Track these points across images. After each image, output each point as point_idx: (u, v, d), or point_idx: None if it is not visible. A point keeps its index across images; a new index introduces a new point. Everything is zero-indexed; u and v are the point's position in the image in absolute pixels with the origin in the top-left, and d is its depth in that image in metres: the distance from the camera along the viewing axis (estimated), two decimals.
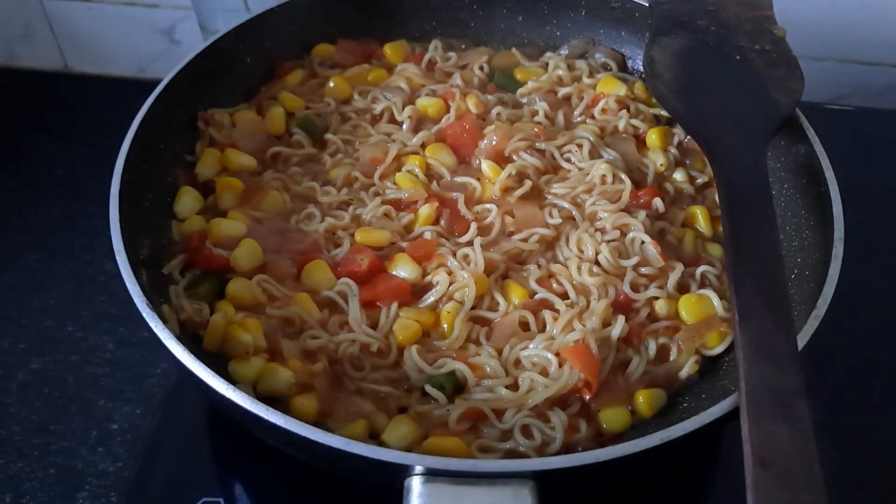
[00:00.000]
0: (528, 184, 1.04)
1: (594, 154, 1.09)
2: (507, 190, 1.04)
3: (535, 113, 1.15)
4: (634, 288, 0.96)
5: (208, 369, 0.76)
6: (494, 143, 1.07)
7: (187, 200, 1.03)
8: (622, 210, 1.02)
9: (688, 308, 0.94)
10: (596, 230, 1.00)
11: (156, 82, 1.05)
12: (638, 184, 1.06)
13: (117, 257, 0.84)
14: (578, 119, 1.17)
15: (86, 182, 1.36)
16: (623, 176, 1.04)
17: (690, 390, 0.91)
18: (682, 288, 0.97)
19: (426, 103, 1.14)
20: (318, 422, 0.82)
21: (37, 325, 1.17)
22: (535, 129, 1.10)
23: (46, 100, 1.57)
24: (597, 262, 0.97)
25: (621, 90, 1.17)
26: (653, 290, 0.95)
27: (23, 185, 1.38)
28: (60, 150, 1.44)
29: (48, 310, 1.19)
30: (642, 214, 1.01)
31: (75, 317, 1.18)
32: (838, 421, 1.04)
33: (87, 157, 1.38)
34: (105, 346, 1.15)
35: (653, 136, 1.12)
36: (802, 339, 0.80)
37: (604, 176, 1.04)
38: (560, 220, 1.01)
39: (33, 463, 1.02)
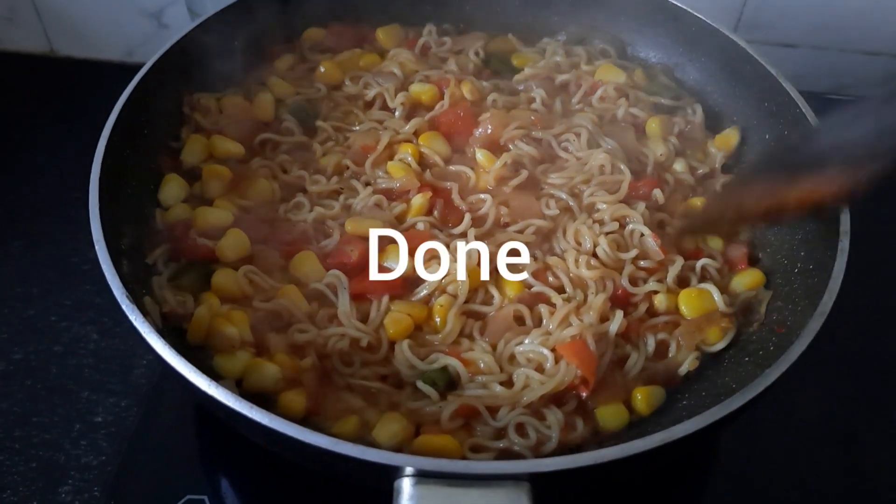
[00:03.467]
0: (524, 173, 1.02)
1: (592, 143, 1.07)
2: (502, 179, 1.02)
3: (532, 100, 1.13)
4: (633, 282, 0.94)
5: (190, 365, 0.73)
6: (489, 131, 1.05)
7: (172, 188, 1.00)
8: (621, 201, 1.00)
9: (688, 303, 0.93)
10: (594, 222, 0.98)
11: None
12: (637, 174, 1.04)
13: (96, 247, 0.82)
14: (576, 107, 1.14)
15: (70, 168, 1.32)
16: (622, 166, 1.03)
17: (690, 387, 0.89)
18: (683, 282, 0.96)
19: (419, 89, 1.12)
20: (307, 419, 0.81)
21: (19, 315, 1.15)
22: (532, 117, 1.08)
23: (31, 84, 1.54)
24: (595, 255, 0.95)
25: (620, 78, 1.15)
26: (652, 284, 0.94)
27: (5, 170, 1.36)
28: (45, 135, 1.41)
29: (31, 298, 1.17)
30: (642, 206, 1.00)
31: (59, 306, 1.16)
32: (841, 418, 1.03)
33: (72, 142, 1.35)
34: (89, 336, 1.12)
35: (652, 125, 1.10)
36: (808, 337, 0.78)
37: (602, 166, 1.03)
38: (557, 211, 0.99)
39: (14, 456, 1.00)
